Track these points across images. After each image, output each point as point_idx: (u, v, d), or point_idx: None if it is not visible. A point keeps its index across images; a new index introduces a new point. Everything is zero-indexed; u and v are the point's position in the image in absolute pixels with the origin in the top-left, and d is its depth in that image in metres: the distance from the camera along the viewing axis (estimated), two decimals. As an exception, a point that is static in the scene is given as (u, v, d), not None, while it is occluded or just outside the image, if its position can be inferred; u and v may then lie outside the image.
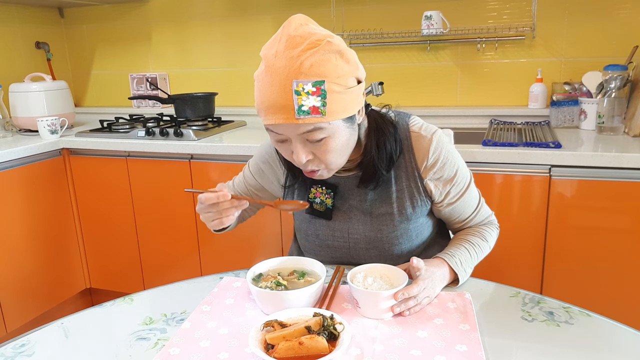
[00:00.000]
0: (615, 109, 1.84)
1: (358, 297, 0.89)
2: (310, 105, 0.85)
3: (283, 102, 0.85)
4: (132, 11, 2.77)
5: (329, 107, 0.86)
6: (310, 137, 0.89)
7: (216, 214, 0.95)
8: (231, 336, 0.84)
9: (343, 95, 0.88)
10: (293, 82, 0.84)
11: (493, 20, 2.19)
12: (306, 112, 0.85)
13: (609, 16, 2.04)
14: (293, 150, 0.92)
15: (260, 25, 2.55)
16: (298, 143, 0.91)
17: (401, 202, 1.06)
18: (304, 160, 0.92)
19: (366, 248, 1.09)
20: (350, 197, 1.08)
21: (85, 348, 0.83)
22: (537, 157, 1.64)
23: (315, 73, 0.84)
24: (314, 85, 0.84)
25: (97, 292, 2.53)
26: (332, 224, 1.10)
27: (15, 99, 2.40)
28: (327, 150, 0.91)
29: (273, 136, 0.93)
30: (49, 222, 2.25)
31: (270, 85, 0.86)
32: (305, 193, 1.11)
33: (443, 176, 1.05)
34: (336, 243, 1.11)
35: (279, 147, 0.96)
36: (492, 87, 2.27)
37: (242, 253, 2.12)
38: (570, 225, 1.66)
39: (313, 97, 0.85)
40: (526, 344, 0.80)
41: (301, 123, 0.86)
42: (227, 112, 2.61)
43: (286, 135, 0.91)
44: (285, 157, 0.98)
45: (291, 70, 0.84)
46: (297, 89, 0.84)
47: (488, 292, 0.98)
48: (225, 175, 2.05)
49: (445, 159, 1.04)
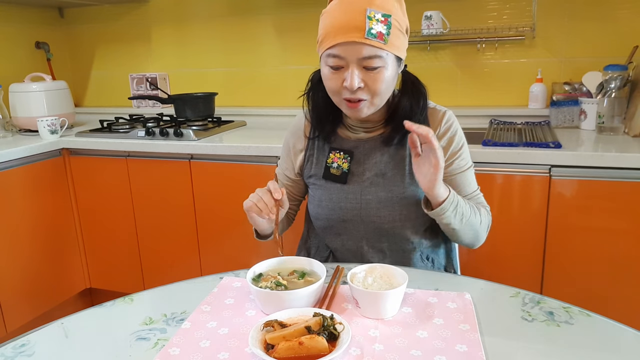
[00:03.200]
0: (615, 109, 1.84)
1: (358, 297, 0.89)
2: (378, 30, 0.98)
3: (356, 24, 0.98)
4: (132, 11, 2.77)
5: (391, 38, 1.00)
6: (368, 63, 1.00)
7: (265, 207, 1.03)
8: (231, 336, 0.84)
9: (400, 35, 1.03)
10: (367, 9, 0.98)
11: (493, 20, 2.19)
12: (374, 35, 0.98)
13: (609, 16, 2.04)
14: (347, 77, 1.02)
15: (260, 25, 2.55)
16: (355, 68, 1.01)
17: (412, 165, 1.12)
18: (357, 85, 1.01)
19: (377, 208, 1.15)
20: (366, 161, 1.17)
21: (85, 348, 0.83)
22: (537, 157, 1.64)
23: (384, 7, 1.00)
24: (383, 16, 0.99)
25: (97, 292, 2.53)
26: (346, 187, 1.17)
27: (15, 99, 2.40)
28: (379, 79, 1.02)
29: (331, 61, 1.03)
30: (49, 222, 2.25)
31: (344, 10, 1.00)
32: (325, 158, 1.19)
33: (451, 146, 1.15)
34: (349, 205, 1.17)
35: (331, 76, 1.04)
36: (492, 87, 2.27)
37: (242, 253, 2.12)
38: (570, 225, 1.66)
39: (381, 24, 0.98)
40: (526, 344, 0.80)
41: (367, 45, 0.98)
42: (227, 112, 2.61)
43: (345, 61, 1.01)
44: (333, 88, 1.06)
45: (365, 0, 0.99)
46: (369, 15, 0.98)
47: (488, 292, 0.98)
48: (225, 175, 2.05)
49: (454, 132, 1.16)
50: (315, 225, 1.25)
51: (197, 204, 2.13)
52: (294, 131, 1.28)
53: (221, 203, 2.08)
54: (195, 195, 2.12)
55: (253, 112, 2.61)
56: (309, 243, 1.32)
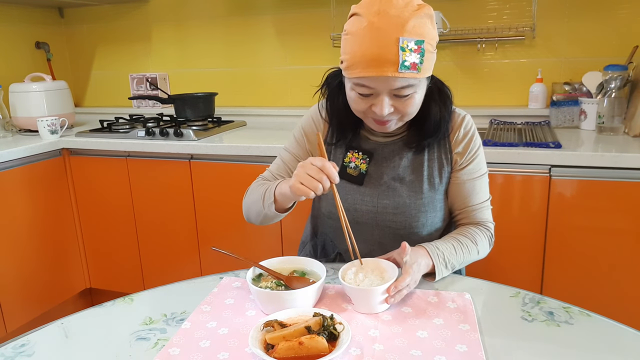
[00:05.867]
0: (615, 109, 1.84)
1: (351, 294, 0.90)
2: (411, 61, 0.93)
3: (389, 56, 0.92)
4: (132, 11, 2.77)
5: (424, 64, 0.95)
6: (400, 92, 0.97)
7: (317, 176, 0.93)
8: (231, 336, 0.84)
9: (432, 55, 0.98)
10: (399, 39, 0.91)
11: (493, 20, 2.19)
12: (407, 67, 0.93)
13: (609, 16, 2.04)
14: (376, 104, 0.98)
15: (260, 25, 2.55)
16: (385, 97, 0.97)
17: (431, 171, 1.12)
18: (386, 113, 0.98)
19: (393, 213, 1.12)
20: (384, 164, 1.14)
21: (86, 348, 0.83)
22: (537, 157, 1.64)
23: (417, 33, 0.93)
24: (416, 44, 0.93)
25: (97, 292, 2.53)
26: (362, 188, 1.14)
27: (15, 99, 2.40)
28: (411, 104, 1.00)
29: (360, 89, 0.98)
30: (49, 222, 2.25)
31: (375, 39, 0.92)
32: (342, 156, 1.16)
33: (467, 151, 1.12)
34: (364, 207, 1.14)
35: (358, 100, 1.00)
36: (492, 87, 2.27)
37: (242, 253, 2.11)
38: (570, 225, 1.66)
39: (414, 54, 0.93)
40: (526, 344, 0.80)
41: (399, 77, 0.93)
42: (227, 112, 2.61)
43: (376, 90, 0.97)
44: (360, 110, 1.02)
45: (397, 27, 0.91)
46: (402, 45, 0.91)
47: (488, 292, 0.98)
48: (225, 175, 2.05)
49: (472, 136, 1.13)
50: (327, 224, 1.22)
51: (197, 204, 2.13)
52: (311, 122, 1.20)
53: (221, 203, 2.08)
54: (195, 196, 2.12)
55: (253, 112, 2.61)
56: (315, 241, 1.29)
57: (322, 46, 2.44)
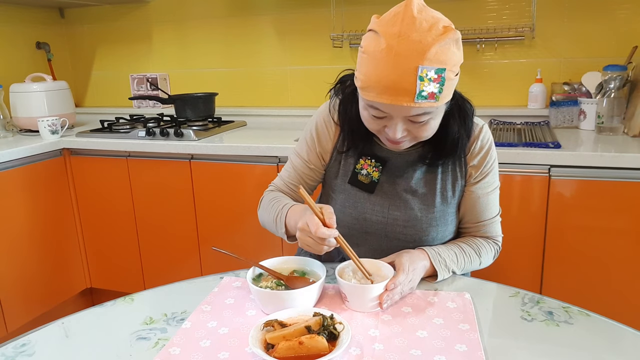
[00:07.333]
0: (615, 109, 1.84)
1: (346, 291, 0.90)
2: (429, 91, 0.87)
3: (405, 85, 0.86)
4: (133, 11, 2.77)
5: (443, 93, 0.89)
6: (416, 119, 0.92)
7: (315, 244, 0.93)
8: (231, 336, 0.84)
9: (453, 82, 0.91)
10: (419, 68, 0.84)
11: (492, 20, 2.20)
12: (424, 97, 0.87)
13: (609, 16, 2.04)
14: (389, 126, 0.94)
15: (260, 25, 2.55)
16: (400, 122, 0.93)
17: (444, 185, 1.09)
18: (399, 137, 0.95)
19: (404, 226, 1.09)
20: (397, 174, 1.10)
21: (86, 348, 0.83)
22: (536, 157, 1.65)
23: (439, 60, 0.86)
24: (437, 73, 0.86)
25: (97, 292, 2.53)
26: (373, 197, 1.10)
27: (16, 99, 2.40)
28: (426, 129, 0.95)
29: (373, 112, 0.94)
30: (50, 222, 2.25)
31: (393, 66, 0.86)
32: (354, 162, 1.11)
33: (483, 165, 1.08)
34: (374, 217, 1.10)
35: (371, 120, 0.97)
36: (491, 87, 2.27)
37: (242, 253, 2.11)
38: (569, 225, 1.67)
39: (433, 84, 0.86)
40: (526, 343, 0.80)
41: (416, 107, 0.88)
42: (227, 112, 2.61)
43: (390, 114, 0.92)
44: (372, 128, 0.99)
45: (417, 55, 0.85)
46: (421, 74, 0.85)
47: (488, 292, 0.98)
48: (226, 175, 2.05)
49: (489, 149, 1.09)
50: None
51: (198, 204, 2.13)
52: (323, 124, 1.14)
53: (221, 203, 2.08)
54: (196, 196, 2.12)
55: (253, 112, 2.61)
56: None
57: (322, 46, 2.44)
